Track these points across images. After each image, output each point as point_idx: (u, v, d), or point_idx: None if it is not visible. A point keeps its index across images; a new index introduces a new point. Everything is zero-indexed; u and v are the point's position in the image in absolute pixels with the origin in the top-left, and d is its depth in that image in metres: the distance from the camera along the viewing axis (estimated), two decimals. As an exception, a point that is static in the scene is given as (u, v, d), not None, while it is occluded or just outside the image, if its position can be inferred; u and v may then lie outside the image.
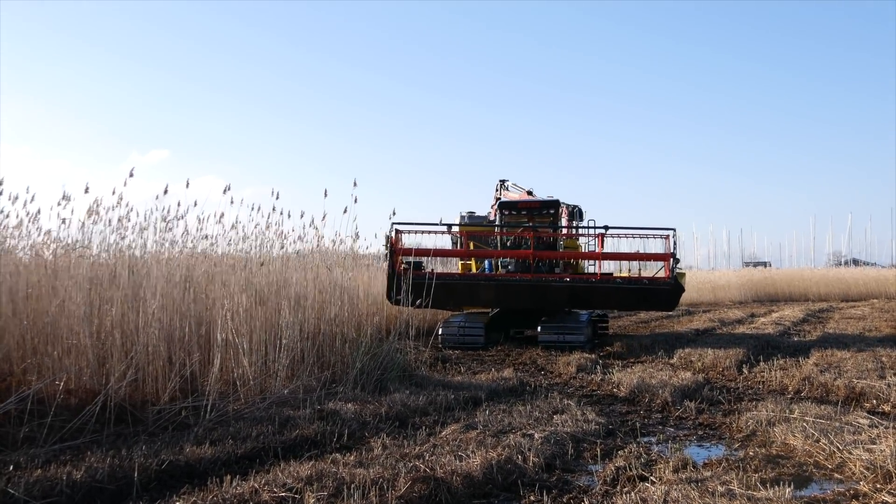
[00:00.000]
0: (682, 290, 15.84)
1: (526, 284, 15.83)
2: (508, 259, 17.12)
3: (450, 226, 16.64)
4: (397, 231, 15.18)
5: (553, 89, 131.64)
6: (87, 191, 9.09)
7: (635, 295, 15.81)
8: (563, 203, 19.12)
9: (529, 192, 20.06)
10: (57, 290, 8.39)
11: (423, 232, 15.92)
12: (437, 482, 5.37)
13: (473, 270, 17.99)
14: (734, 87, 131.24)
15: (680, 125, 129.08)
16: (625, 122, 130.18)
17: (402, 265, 14.40)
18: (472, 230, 17.67)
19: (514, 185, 20.77)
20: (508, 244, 17.61)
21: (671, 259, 15.34)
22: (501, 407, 8.85)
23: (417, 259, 15.37)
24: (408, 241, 15.63)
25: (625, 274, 16.94)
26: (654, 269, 16.59)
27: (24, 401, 6.59)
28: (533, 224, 18.27)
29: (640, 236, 17.18)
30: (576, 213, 19.16)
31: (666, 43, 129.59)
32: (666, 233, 15.59)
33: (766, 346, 15.58)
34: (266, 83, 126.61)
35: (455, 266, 19.19)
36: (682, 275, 16.16)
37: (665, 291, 15.48)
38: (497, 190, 21.04)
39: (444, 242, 17.13)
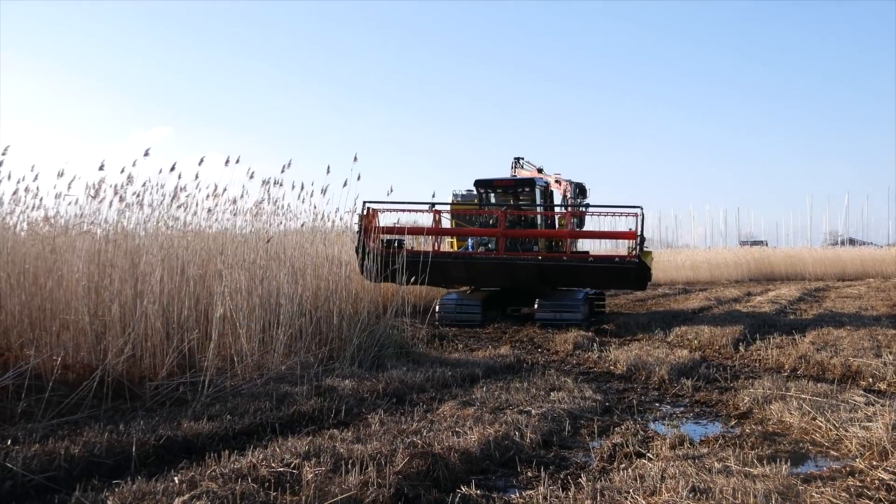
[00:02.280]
0: (647, 268, 15.70)
1: (494, 263, 15.78)
2: (488, 238, 17.09)
3: (419, 203, 16.50)
4: (370, 209, 15.16)
5: (564, 69, 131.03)
6: (101, 167, 9.07)
7: (603, 273, 15.78)
8: (567, 180, 19.16)
9: (540, 170, 20.19)
10: (56, 266, 8.37)
11: (402, 210, 16.01)
12: (434, 458, 5.37)
13: (454, 248, 18.08)
14: (731, 67, 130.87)
15: (676, 105, 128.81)
16: (622, 101, 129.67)
17: (377, 242, 14.28)
18: (445, 210, 17.54)
19: (528, 162, 21.02)
20: (491, 223, 17.53)
21: (636, 238, 15.26)
22: (499, 384, 8.87)
23: (398, 237, 15.35)
24: (392, 218, 15.75)
25: (604, 253, 16.98)
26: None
27: (22, 376, 6.59)
28: (511, 203, 18.26)
29: (607, 214, 17.27)
30: (578, 191, 19.21)
31: (659, 23, 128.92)
32: (633, 210, 15.43)
33: (763, 324, 15.61)
34: (271, 58, 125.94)
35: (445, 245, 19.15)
36: (648, 253, 16.01)
37: (631, 270, 15.37)
38: (512, 167, 21.22)
39: (428, 221, 17.05)
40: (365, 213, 14.89)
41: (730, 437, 6.56)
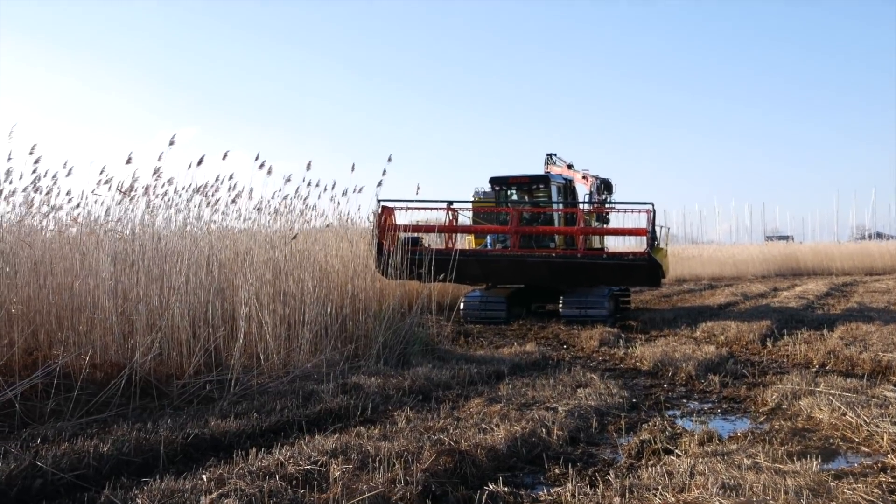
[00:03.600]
0: (658, 265, 15.47)
1: (506, 259, 15.77)
2: (505, 235, 17.04)
3: (430, 201, 16.56)
4: (384, 208, 15.15)
5: (591, 65, 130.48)
6: (129, 161, 9.07)
7: (616, 270, 15.67)
8: (594, 176, 19.15)
9: (570, 166, 20.22)
10: (83, 266, 8.43)
11: (419, 209, 16.00)
12: (461, 455, 5.36)
13: (473, 246, 18.10)
14: (757, 60, 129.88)
15: (701, 99, 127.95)
16: (647, 97, 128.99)
17: (391, 239, 14.22)
18: (465, 207, 17.54)
19: (560, 158, 21.10)
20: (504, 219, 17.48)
21: (647, 234, 15.14)
22: (524, 381, 8.85)
23: (413, 235, 15.33)
24: (410, 216, 15.76)
25: (625, 250, 16.87)
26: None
27: (51, 374, 6.64)
28: (527, 200, 18.31)
29: (620, 211, 17.21)
30: (603, 187, 19.19)
31: (686, 16, 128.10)
32: (645, 207, 15.36)
33: (790, 319, 15.48)
34: (296, 57, 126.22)
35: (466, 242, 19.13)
36: (659, 250, 15.81)
37: (641, 267, 15.30)
38: (545, 164, 21.30)
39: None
40: (380, 211, 14.87)
41: (759, 434, 6.49)
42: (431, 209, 16.54)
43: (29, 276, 8.14)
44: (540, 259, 15.62)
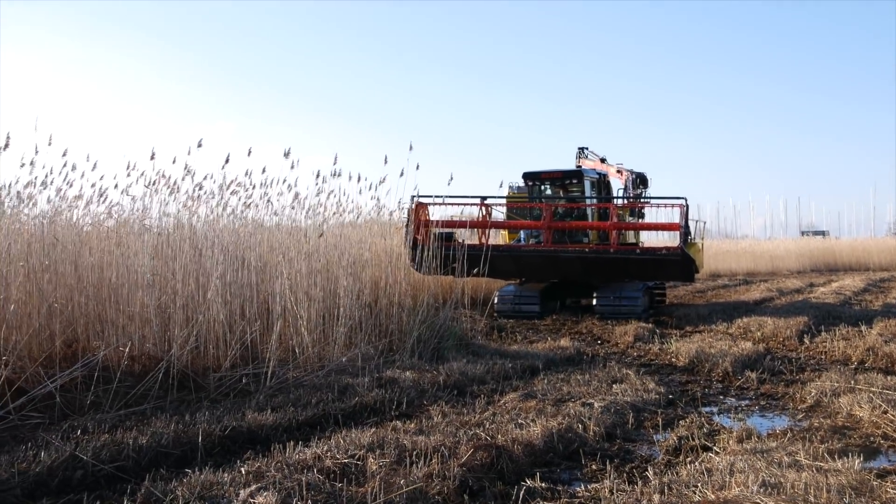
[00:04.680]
0: (691, 260, 15.38)
1: (539, 255, 15.77)
2: (539, 230, 16.97)
3: (463, 197, 16.43)
4: (419, 203, 15.09)
5: (623, 57, 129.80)
6: (152, 157, 9.14)
7: (649, 265, 15.60)
8: (629, 170, 19.06)
9: (603, 160, 20.13)
10: (122, 260, 8.51)
11: (452, 204, 15.87)
12: (498, 450, 5.35)
13: (507, 241, 18.06)
14: (794, 52, 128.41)
15: (736, 92, 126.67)
16: (682, 89, 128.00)
17: (423, 234, 14.14)
18: (499, 203, 17.41)
19: (592, 152, 21.01)
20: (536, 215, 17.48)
21: (680, 229, 15.04)
22: (559, 376, 8.82)
23: (447, 230, 15.24)
24: (444, 211, 15.68)
25: (662, 244, 16.74)
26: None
27: (91, 367, 6.71)
28: (560, 195, 18.26)
29: (654, 206, 17.13)
30: (638, 181, 19.07)
31: (717, 10, 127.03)
32: (678, 202, 15.24)
33: (828, 315, 15.28)
34: (330, 48, 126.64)
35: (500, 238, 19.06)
36: (693, 245, 15.70)
37: (675, 262, 15.21)
38: (577, 158, 21.19)
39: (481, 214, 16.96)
40: (413, 206, 14.82)
41: (798, 431, 6.42)
42: (465, 204, 16.52)
43: (68, 269, 8.22)
44: (573, 255, 15.55)
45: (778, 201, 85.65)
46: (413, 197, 14.60)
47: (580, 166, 20.06)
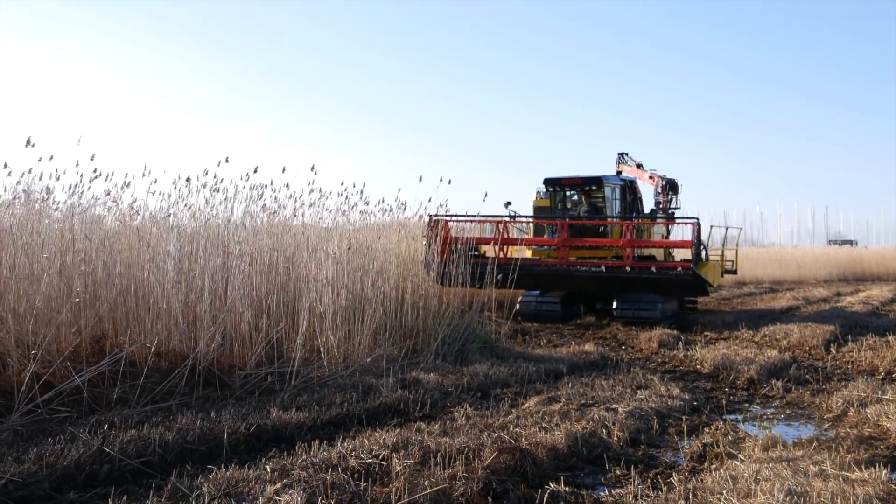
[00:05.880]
0: (702, 280, 15.43)
1: (556, 273, 15.83)
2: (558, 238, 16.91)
3: (473, 216, 16.38)
4: (439, 220, 14.92)
5: (655, 63, 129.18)
6: (178, 160, 9.19)
7: (661, 283, 15.56)
8: (661, 176, 19.11)
9: (639, 166, 20.30)
10: (149, 257, 8.58)
11: (470, 221, 15.79)
12: (522, 453, 5.34)
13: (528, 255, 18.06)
14: (822, 64, 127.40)
15: (765, 101, 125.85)
16: (710, 97, 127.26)
17: (446, 250, 14.01)
18: (510, 221, 17.33)
19: (630, 158, 21.24)
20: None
21: (693, 247, 15.07)
22: (583, 380, 8.80)
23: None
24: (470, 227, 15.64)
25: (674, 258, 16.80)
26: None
27: (118, 362, 6.78)
28: (582, 201, 18.28)
29: (665, 222, 17.94)
30: (668, 187, 19.11)
31: (745, 16, 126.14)
32: (691, 220, 15.44)
33: (855, 325, 15.15)
34: (362, 52, 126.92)
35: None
36: (704, 264, 15.67)
37: (687, 281, 15.36)
38: (617, 163, 21.41)
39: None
40: (432, 224, 14.64)
41: (824, 440, 6.36)
42: (484, 221, 16.50)
43: (98, 265, 8.30)
44: (588, 273, 15.58)
45: (806, 209, 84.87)
46: (430, 216, 14.42)
47: (619, 172, 20.30)
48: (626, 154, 21.32)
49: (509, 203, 17.29)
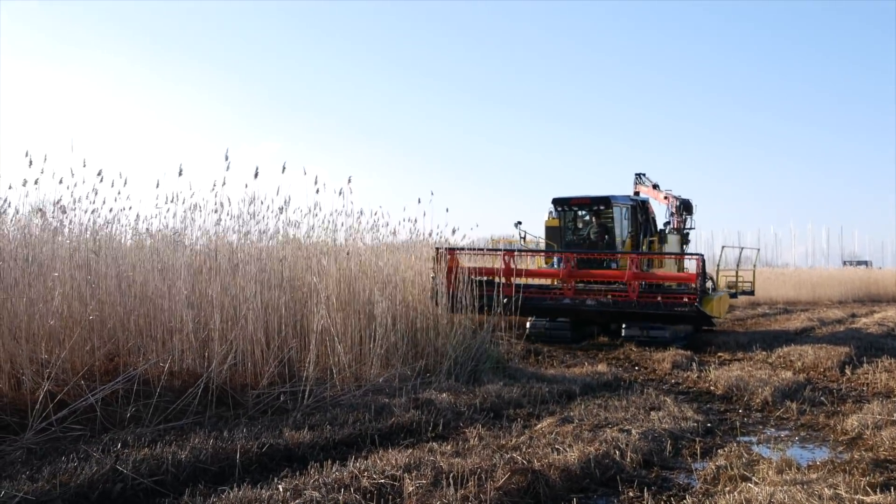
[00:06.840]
0: (706, 315, 15.35)
1: (562, 305, 15.78)
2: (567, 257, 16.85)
3: (478, 249, 16.40)
4: (448, 250, 14.79)
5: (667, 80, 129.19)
6: (180, 173, 9.15)
7: (667, 317, 15.51)
8: (676, 196, 19.14)
9: (655, 186, 20.44)
10: (161, 276, 8.62)
11: (477, 253, 15.81)
12: (534, 475, 5.33)
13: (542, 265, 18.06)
14: (837, 82, 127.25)
15: (780, 123, 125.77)
16: (724, 118, 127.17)
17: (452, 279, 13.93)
18: (512, 250, 17.32)
19: (647, 178, 21.54)
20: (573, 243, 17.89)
21: (696, 281, 14.93)
22: (596, 401, 8.77)
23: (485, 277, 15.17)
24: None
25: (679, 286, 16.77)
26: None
27: (131, 381, 6.80)
28: (591, 221, 18.22)
29: (669, 257, 18.13)
30: (682, 207, 19.15)
31: (763, 30, 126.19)
32: (696, 256, 15.50)
33: (870, 346, 15.03)
34: (373, 75, 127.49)
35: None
36: (709, 300, 15.39)
37: (690, 317, 15.42)
38: (634, 184, 21.67)
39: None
40: (439, 256, 14.55)
41: (839, 463, 6.30)
42: (491, 252, 16.59)
43: (111, 284, 8.34)
44: (593, 307, 15.55)
45: (820, 230, 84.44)
46: (437, 249, 14.38)
47: (637, 192, 20.52)
48: (644, 174, 21.56)
49: (520, 223, 17.45)
